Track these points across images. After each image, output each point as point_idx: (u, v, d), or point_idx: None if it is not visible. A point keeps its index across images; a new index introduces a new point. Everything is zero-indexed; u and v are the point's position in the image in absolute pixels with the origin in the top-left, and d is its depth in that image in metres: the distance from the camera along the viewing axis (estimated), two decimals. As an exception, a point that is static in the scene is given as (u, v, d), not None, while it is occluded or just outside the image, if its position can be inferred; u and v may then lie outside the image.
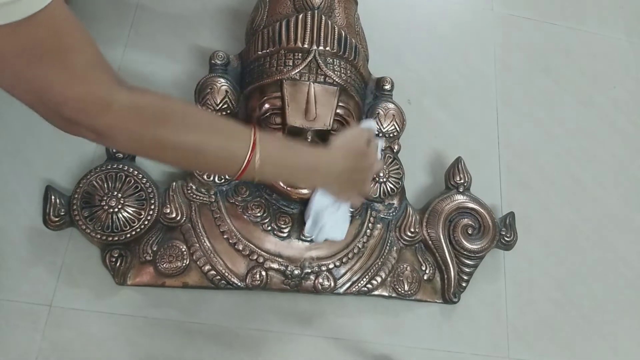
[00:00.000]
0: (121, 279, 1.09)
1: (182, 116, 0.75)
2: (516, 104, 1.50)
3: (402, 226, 1.20)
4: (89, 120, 0.65)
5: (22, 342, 1.06)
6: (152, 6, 1.40)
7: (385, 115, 1.25)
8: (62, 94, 0.62)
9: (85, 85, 0.63)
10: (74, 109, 0.63)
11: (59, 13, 0.61)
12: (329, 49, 1.11)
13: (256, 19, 1.20)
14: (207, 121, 0.80)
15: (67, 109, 0.63)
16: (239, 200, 1.13)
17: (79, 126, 0.66)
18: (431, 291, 1.20)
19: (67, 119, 0.64)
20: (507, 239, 1.23)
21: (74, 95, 0.63)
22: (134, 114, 0.68)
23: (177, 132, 0.73)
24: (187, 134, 0.74)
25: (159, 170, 1.20)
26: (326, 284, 1.11)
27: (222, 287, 1.09)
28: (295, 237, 1.13)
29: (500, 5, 1.62)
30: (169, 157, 0.78)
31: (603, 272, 1.35)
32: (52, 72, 0.61)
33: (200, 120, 0.78)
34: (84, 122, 0.65)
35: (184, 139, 0.74)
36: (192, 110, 0.82)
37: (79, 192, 1.08)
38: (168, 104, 0.74)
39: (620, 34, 1.66)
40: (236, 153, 0.78)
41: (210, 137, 0.77)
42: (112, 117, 0.66)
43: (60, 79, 0.62)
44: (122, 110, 0.67)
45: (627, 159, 1.49)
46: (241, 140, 0.79)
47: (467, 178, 1.24)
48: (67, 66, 0.62)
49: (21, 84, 0.62)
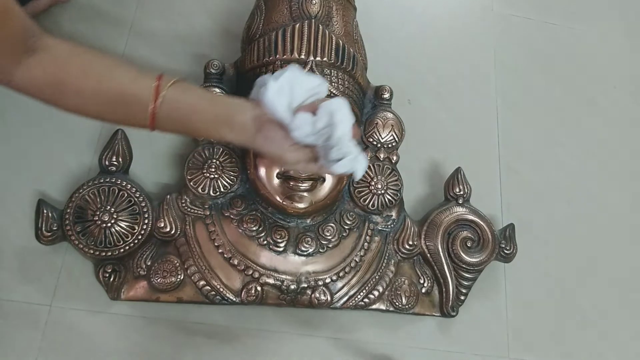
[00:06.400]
0: (115, 294, 1.08)
1: (78, 86, 0.80)
2: (516, 104, 1.48)
3: (400, 239, 1.19)
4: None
5: (22, 342, 1.07)
6: (152, 6, 1.39)
7: (384, 125, 1.22)
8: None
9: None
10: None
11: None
12: (326, 60, 1.09)
13: (252, 26, 1.17)
14: (105, 89, 0.82)
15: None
16: (234, 213, 1.11)
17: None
18: (429, 305, 1.19)
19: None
20: (506, 251, 1.21)
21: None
22: (31, 87, 0.78)
23: (75, 103, 0.81)
24: (84, 104, 0.82)
25: (152, 183, 1.20)
26: (323, 299, 1.10)
27: (217, 302, 1.08)
28: (291, 252, 1.11)
29: (500, 5, 1.60)
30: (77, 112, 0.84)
31: (603, 272, 1.34)
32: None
33: (99, 86, 0.81)
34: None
35: (83, 109, 0.82)
36: (89, 80, 0.82)
37: (72, 206, 1.06)
38: (66, 74, 0.80)
39: (620, 34, 1.65)
40: (137, 115, 0.83)
41: (109, 107, 0.83)
42: (14, 87, 0.77)
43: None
44: (22, 82, 0.77)
45: (627, 158, 1.49)
46: (143, 90, 0.83)
47: (467, 189, 1.23)
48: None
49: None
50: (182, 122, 0.87)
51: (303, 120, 0.86)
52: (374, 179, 1.19)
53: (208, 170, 1.12)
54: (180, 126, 0.88)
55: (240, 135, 0.88)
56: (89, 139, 1.21)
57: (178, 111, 0.85)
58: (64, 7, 1.31)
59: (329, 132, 0.85)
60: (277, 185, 1.08)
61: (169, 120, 0.85)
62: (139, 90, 0.83)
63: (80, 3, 1.33)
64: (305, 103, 0.89)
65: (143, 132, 1.19)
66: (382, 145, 1.22)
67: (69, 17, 1.31)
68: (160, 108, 0.82)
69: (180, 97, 0.85)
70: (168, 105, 0.83)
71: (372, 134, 1.22)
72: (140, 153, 1.17)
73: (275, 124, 0.87)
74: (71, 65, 0.80)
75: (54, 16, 1.29)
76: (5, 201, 1.15)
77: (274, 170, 1.08)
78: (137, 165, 1.17)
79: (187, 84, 0.88)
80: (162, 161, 1.23)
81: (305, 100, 0.89)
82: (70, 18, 1.31)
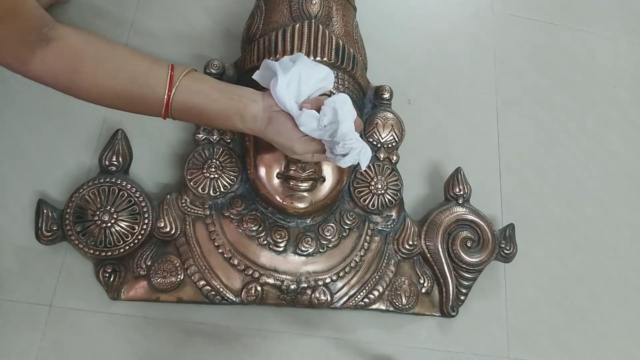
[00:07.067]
0: (115, 293, 1.08)
1: (93, 74, 0.83)
2: (516, 104, 1.48)
3: (400, 239, 1.18)
4: (14, 71, 0.80)
5: (22, 342, 1.07)
6: (152, 6, 1.39)
7: (384, 125, 1.22)
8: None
9: (4, 50, 0.77)
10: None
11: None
12: (326, 60, 1.09)
13: (252, 26, 1.17)
14: (121, 77, 0.85)
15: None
16: (234, 213, 1.11)
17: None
18: (429, 305, 1.19)
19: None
20: (506, 251, 1.21)
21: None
22: (47, 75, 0.81)
23: (90, 91, 0.84)
24: (99, 92, 0.85)
25: (152, 183, 1.20)
26: (323, 299, 1.10)
27: (217, 302, 1.08)
28: (291, 252, 1.11)
29: (500, 5, 1.60)
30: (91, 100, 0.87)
31: (603, 272, 1.34)
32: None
33: (114, 74, 0.85)
34: (11, 70, 0.80)
35: (98, 97, 0.86)
36: (104, 68, 0.85)
37: (72, 206, 1.06)
38: (81, 62, 0.82)
39: (620, 34, 1.64)
40: (151, 103, 0.87)
41: (123, 95, 0.86)
42: (29, 75, 0.80)
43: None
44: (38, 71, 0.79)
45: (627, 159, 1.49)
46: (157, 79, 0.87)
47: (467, 189, 1.23)
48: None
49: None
50: (195, 111, 0.90)
51: (308, 117, 0.90)
52: (374, 179, 1.19)
53: (208, 170, 1.12)
54: (193, 115, 0.91)
55: (251, 125, 0.92)
56: (89, 139, 1.21)
57: (191, 100, 0.88)
58: (64, 7, 1.31)
59: (334, 127, 0.89)
60: (277, 185, 1.08)
61: (183, 108, 0.88)
62: (154, 79, 0.86)
63: (80, 3, 1.33)
64: (313, 97, 0.94)
65: (143, 132, 1.20)
66: (382, 145, 1.22)
67: (69, 17, 1.30)
68: (174, 96, 0.86)
69: (193, 86, 0.88)
70: (182, 93, 0.86)
71: (372, 134, 1.22)
72: (140, 153, 1.17)
73: (285, 115, 0.91)
74: (86, 53, 0.83)
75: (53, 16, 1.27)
76: (5, 201, 1.14)
77: (274, 170, 1.08)
78: (137, 165, 1.17)
79: (199, 74, 0.92)
80: (162, 161, 1.22)
81: (313, 94, 0.94)
82: (70, 18, 1.30)
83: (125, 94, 0.85)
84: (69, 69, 0.81)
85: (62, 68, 0.81)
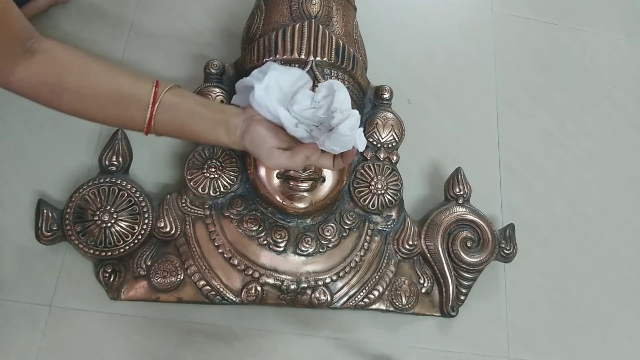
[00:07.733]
0: (115, 293, 1.08)
1: (77, 87, 0.83)
2: (516, 104, 1.48)
3: (400, 239, 1.18)
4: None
5: (22, 342, 1.06)
6: (152, 6, 1.38)
7: (384, 125, 1.22)
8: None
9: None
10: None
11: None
12: (326, 60, 1.09)
13: (252, 26, 1.17)
14: (105, 90, 0.85)
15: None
16: (234, 213, 1.11)
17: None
18: (429, 305, 1.19)
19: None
20: (506, 251, 1.21)
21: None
22: (30, 88, 0.81)
23: (73, 104, 0.85)
24: (83, 105, 0.85)
25: (152, 183, 1.19)
26: (323, 299, 1.10)
27: (217, 302, 1.08)
28: (291, 252, 1.11)
29: (500, 5, 1.60)
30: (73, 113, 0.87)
31: (603, 272, 1.34)
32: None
33: (98, 88, 0.85)
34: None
35: (80, 110, 0.86)
36: (89, 80, 0.86)
37: (72, 206, 1.06)
38: (66, 75, 0.82)
39: (620, 34, 1.64)
40: (134, 117, 0.87)
41: (107, 109, 0.86)
42: (12, 88, 0.80)
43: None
44: (21, 83, 0.79)
45: (627, 159, 1.49)
46: (141, 94, 0.87)
47: (467, 189, 1.23)
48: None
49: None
50: (179, 125, 0.90)
51: (303, 96, 0.92)
52: (374, 179, 1.19)
53: (208, 170, 1.12)
54: (176, 129, 0.91)
55: (233, 137, 0.92)
56: (89, 139, 1.21)
57: (176, 114, 0.88)
58: (64, 7, 1.31)
59: (329, 100, 0.90)
60: (277, 185, 1.08)
61: (166, 123, 0.88)
62: (138, 94, 0.86)
63: (80, 3, 1.33)
64: (297, 94, 0.94)
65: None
66: (382, 145, 1.22)
67: (69, 17, 1.30)
68: (158, 111, 0.86)
69: (177, 101, 0.88)
70: (166, 108, 0.87)
71: (372, 134, 1.22)
72: (140, 153, 1.17)
73: (261, 124, 0.91)
74: (70, 65, 0.83)
75: (53, 17, 1.29)
76: (5, 201, 1.14)
77: (274, 170, 1.08)
78: (137, 165, 1.17)
79: (183, 90, 0.92)
80: (162, 161, 1.22)
81: (296, 91, 0.95)
82: (70, 18, 1.30)
83: (108, 107, 0.86)
84: (52, 80, 0.81)
85: (46, 80, 0.81)
